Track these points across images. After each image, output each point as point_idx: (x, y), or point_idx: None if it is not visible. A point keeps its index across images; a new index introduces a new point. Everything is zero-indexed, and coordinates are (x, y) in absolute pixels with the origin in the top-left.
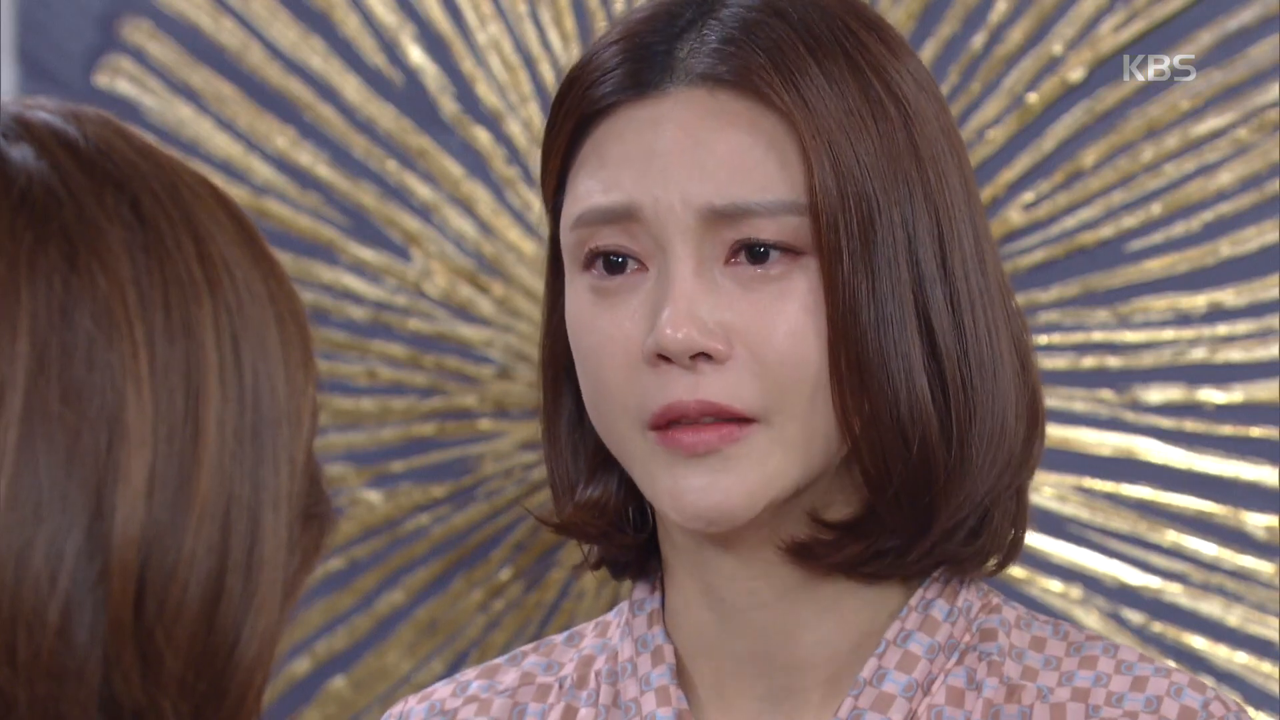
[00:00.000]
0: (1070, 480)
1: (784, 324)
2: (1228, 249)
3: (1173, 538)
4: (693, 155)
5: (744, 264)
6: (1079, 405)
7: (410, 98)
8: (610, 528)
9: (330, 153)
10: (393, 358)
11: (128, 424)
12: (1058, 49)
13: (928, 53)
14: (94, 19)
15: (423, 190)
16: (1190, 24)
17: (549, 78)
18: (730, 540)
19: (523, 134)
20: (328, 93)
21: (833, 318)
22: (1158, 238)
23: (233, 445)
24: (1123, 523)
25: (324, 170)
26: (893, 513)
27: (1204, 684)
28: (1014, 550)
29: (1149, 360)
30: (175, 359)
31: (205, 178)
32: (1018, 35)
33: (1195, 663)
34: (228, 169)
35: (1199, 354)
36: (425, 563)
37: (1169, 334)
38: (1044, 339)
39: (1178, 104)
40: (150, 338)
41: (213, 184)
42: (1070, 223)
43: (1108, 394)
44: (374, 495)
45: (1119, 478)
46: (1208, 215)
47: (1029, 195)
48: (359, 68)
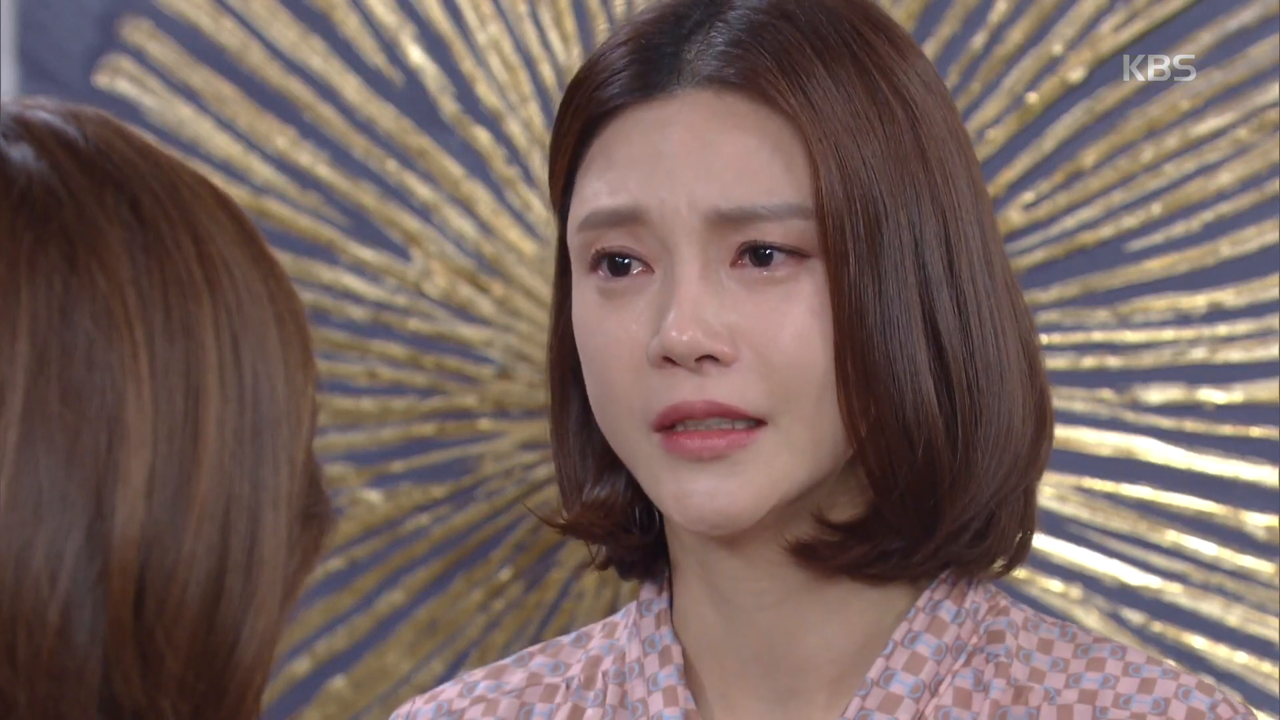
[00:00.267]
0: (1070, 480)
1: (790, 326)
2: (1228, 249)
3: (1173, 538)
4: (699, 158)
5: (749, 266)
6: (1079, 405)
7: (410, 98)
8: (617, 528)
9: (330, 153)
10: (393, 358)
11: (128, 424)
12: (1058, 49)
13: (928, 53)
14: (94, 19)
15: (423, 190)
16: (1190, 24)
17: (549, 78)
18: (736, 542)
19: (523, 134)
20: (328, 93)
21: (839, 320)
22: (1158, 238)
23: (232, 445)
24: (1123, 523)
25: (324, 170)
26: (898, 514)
27: (1212, 686)
28: (1022, 551)
29: (1149, 360)
30: (175, 359)
31: (204, 178)
32: (1018, 35)
33: (1195, 663)
34: (228, 169)
35: (1199, 354)
36: (425, 563)
37: (1169, 334)
38: (1044, 339)
39: (1178, 104)
40: (150, 338)
41: (212, 184)
42: (1070, 223)
43: (1108, 394)
44: (374, 495)
45: (1119, 478)
46: (1208, 215)
47: (1029, 195)
48: (359, 68)
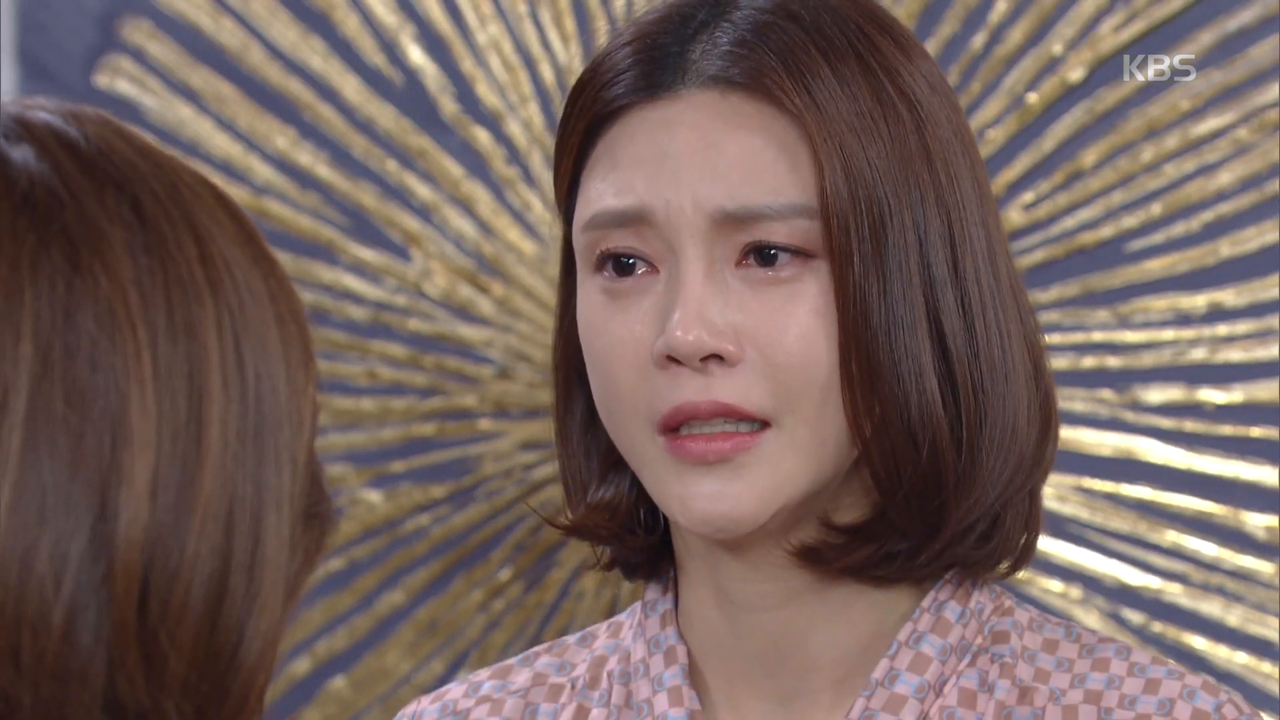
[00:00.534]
0: (1070, 480)
1: (794, 326)
2: (1228, 249)
3: (1173, 538)
4: (704, 157)
5: (754, 266)
6: (1079, 405)
7: (410, 98)
8: (622, 529)
9: (330, 153)
10: (393, 358)
11: (131, 425)
12: (1058, 49)
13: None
14: (94, 19)
15: (423, 190)
16: (1190, 24)
17: (549, 78)
18: (740, 546)
19: (523, 134)
20: (328, 93)
21: (843, 321)
22: (1158, 238)
23: (235, 446)
24: (1123, 523)
25: (324, 170)
26: (903, 515)
27: (1217, 687)
28: (1027, 553)
29: (1149, 360)
30: (178, 360)
31: (205, 178)
32: (1018, 35)
33: (1195, 663)
34: (228, 169)
35: (1199, 354)
36: (425, 563)
37: (1169, 334)
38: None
39: (1178, 104)
40: (153, 339)
41: (212, 184)
42: (1070, 223)
43: (1108, 394)
44: (374, 495)
45: (1119, 478)
46: (1208, 215)
47: (1029, 195)
48: (359, 68)
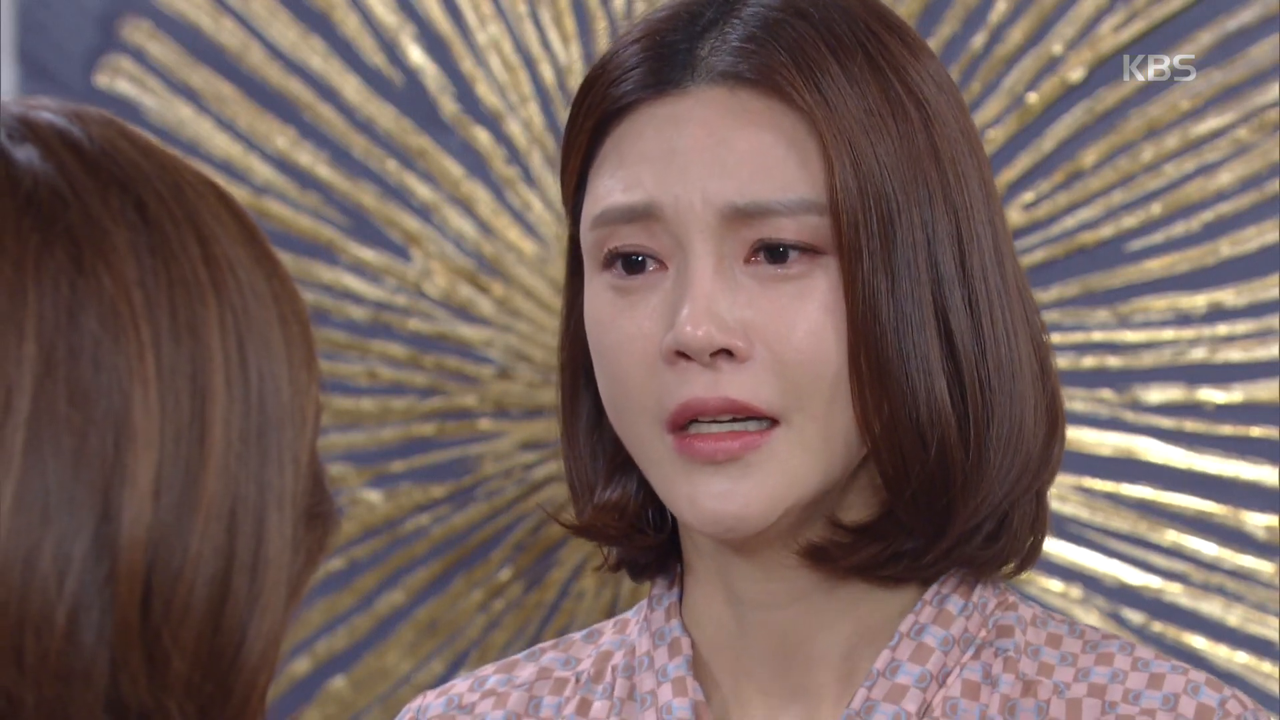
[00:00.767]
0: (1070, 480)
1: (803, 323)
2: (1228, 249)
3: (1173, 538)
4: (713, 154)
5: (763, 263)
6: (1079, 405)
7: (410, 98)
8: (630, 529)
9: (330, 153)
10: (393, 358)
11: (134, 425)
12: (1058, 49)
13: None
14: (94, 19)
15: (422, 190)
16: (1190, 24)
17: (549, 78)
18: (748, 546)
19: (523, 134)
20: (328, 93)
21: (852, 317)
22: (1158, 238)
23: (238, 446)
24: (1123, 523)
25: (324, 170)
26: (910, 514)
27: (1221, 683)
28: (1033, 554)
29: (1149, 360)
30: (181, 360)
31: (208, 177)
32: (1018, 35)
33: (1195, 663)
34: (228, 169)
35: (1199, 354)
36: (425, 563)
37: (1169, 334)
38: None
39: (1178, 104)
40: (156, 339)
41: (215, 184)
42: (1070, 223)
43: (1108, 394)
44: (374, 495)
45: (1119, 478)
46: (1208, 215)
47: (1029, 195)
48: (359, 68)
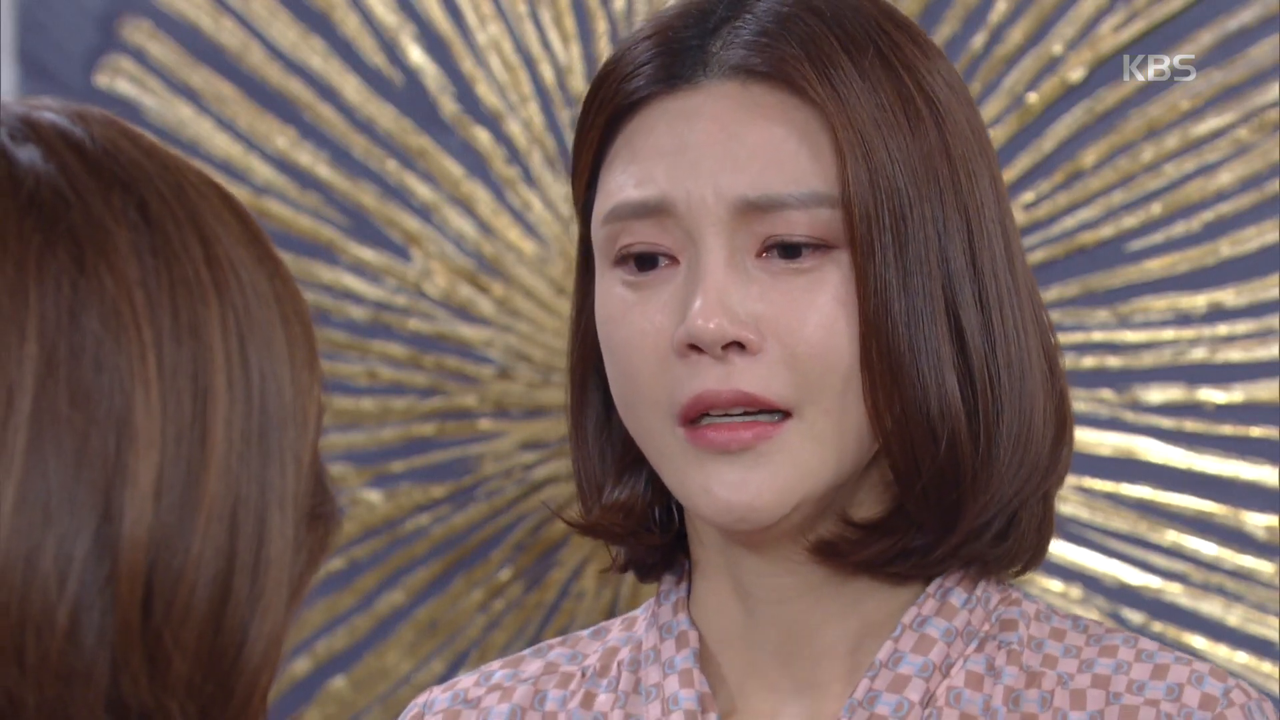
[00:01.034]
0: (1070, 480)
1: (815, 315)
2: (1228, 249)
3: (1173, 538)
4: (725, 148)
5: (775, 258)
6: (1079, 405)
7: (410, 98)
8: (638, 527)
9: (330, 153)
10: (393, 358)
11: (136, 426)
12: (1058, 49)
13: None
14: (94, 19)
15: (423, 190)
16: (1190, 24)
17: (549, 78)
18: (758, 541)
19: (523, 134)
20: (328, 93)
21: (864, 311)
22: (1158, 238)
23: (240, 446)
24: (1123, 523)
25: (324, 170)
26: (920, 509)
27: (1225, 673)
28: (1038, 556)
29: (1149, 360)
30: (183, 361)
31: (210, 178)
32: (1018, 35)
33: None
34: (228, 169)
35: (1199, 354)
36: (425, 563)
37: (1169, 334)
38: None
39: (1178, 104)
40: (158, 340)
41: (218, 184)
42: (1070, 223)
43: (1108, 394)
44: (374, 495)
45: (1119, 478)
46: (1208, 215)
47: (1029, 195)
48: (359, 68)
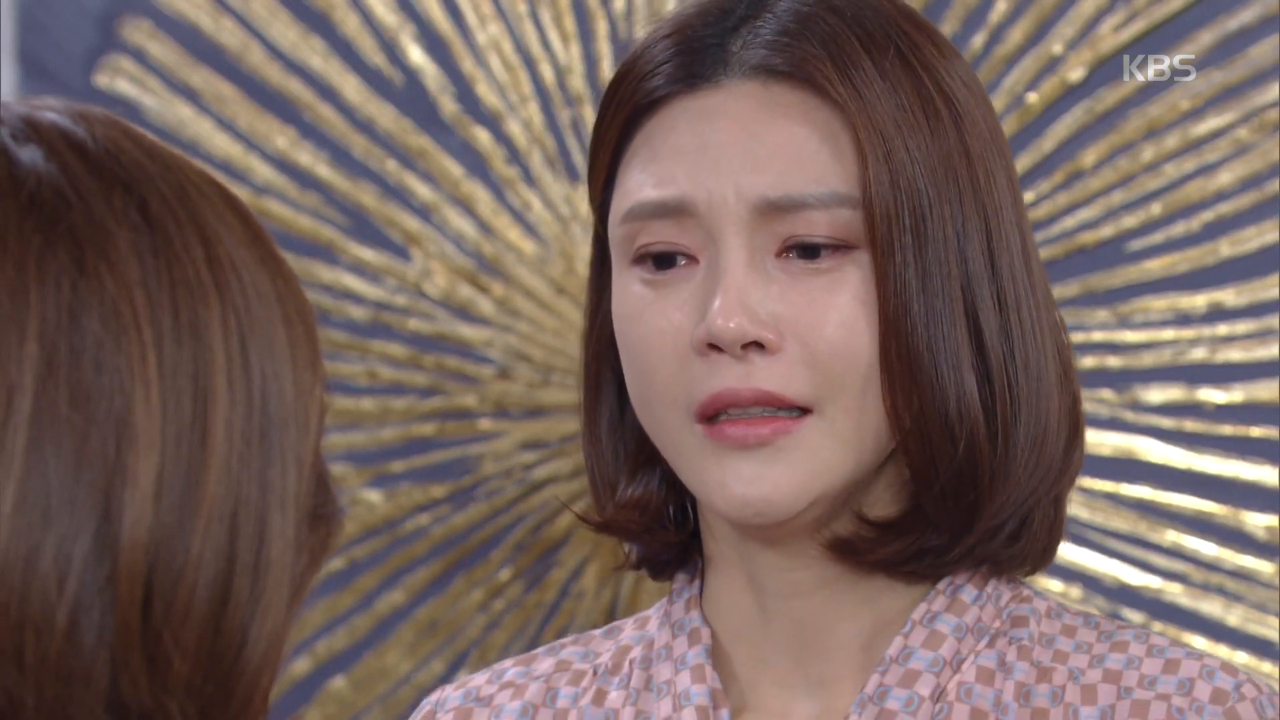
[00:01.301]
0: None
1: (835, 314)
2: (1228, 249)
3: (1173, 538)
4: (746, 147)
5: (795, 258)
6: None
7: (410, 98)
8: (653, 524)
9: (330, 153)
10: (393, 358)
11: (136, 427)
12: (1058, 49)
13: None
14: (94, 19)
15: (423, 190)
16: (1190, 24)
17: (549, 78)
18: (773, 537)
19: (523, 134)
20: (328, 93)
21: (884, 311)
22: (1158, 238)
23: (240, 447)
24: (1123, 523)
25: (324, 170)
26: (937, 509)
27: (1236, 667)
28: (1047, 557)
29: (1149, 360)
30: (183, 361)
31: (213, 178)
32: (1018, 35)
33: None
34: (228, 169)
35: (1199, 354)
36: (425, 563)
37: (1169, 334)
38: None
39: (1178, 104)
40: (158, 340)
41: (221, 184)
42: (1070, 223)
43: (1108, 394)
44: (374, 495)
45: (1119, 478)
46: (1208, 215)
47: (1029, 195)
48: (359, 68)
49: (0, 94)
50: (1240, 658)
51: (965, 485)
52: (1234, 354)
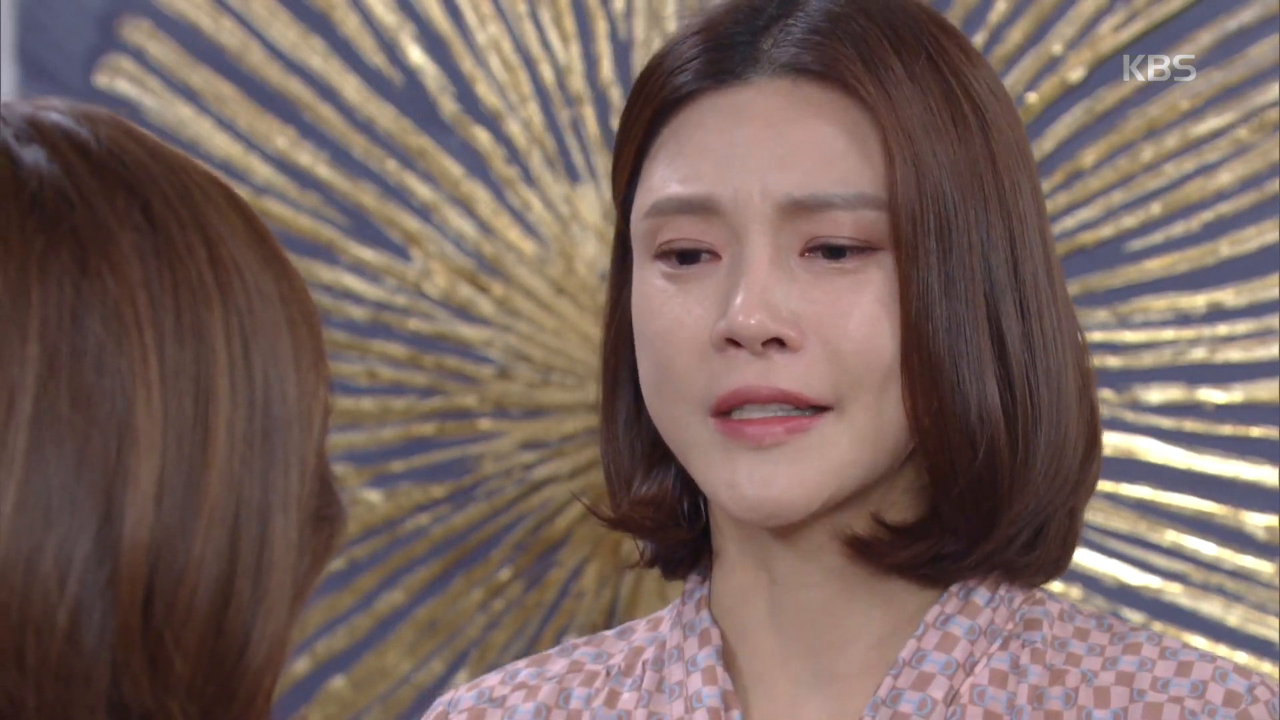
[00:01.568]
0: None
1: (858, 313)
2: (1227, 249)
3: (1172, 537)
4: (773, 145)
5: (819, 258)
6: None
7: (410, 98)
8: (667, 521)
9: (330, 153)
10: (392, 358)
11: (137, 428)
12: (1057, 49)
13: None
14: (94, 19)
15: (422, 190)
16: (1190, 24)
17: (548, 77)
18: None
19: (522, 134)
20: (327, 93)
21: (906, 313)
22: (1157, 237)
23: (242, 449)
24: (1122, 522)
25: (324, 170)
26: (956, 514)
27: (1249, 669)
28: (1060, 568)
29: (1149, 360)
30: (185, 363)
31: (218, 179)
32: (1017, 35)
33: None
34: (228, 169)
35: (1199, 354)
36: (425, 562)
37: (1169, 334)
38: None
39: (1177, 104)
40: (160, 342)
41: (225, 186)
42: (1070, 223)
43: (1108, 394)
44: (374, 495)
45: (1119, 477)
46: (1207, 215)
47: None
48: (359, 68)
49: (0, 94)
50: (1240, 658)
51: (985, 491)
52: (1234, 354)
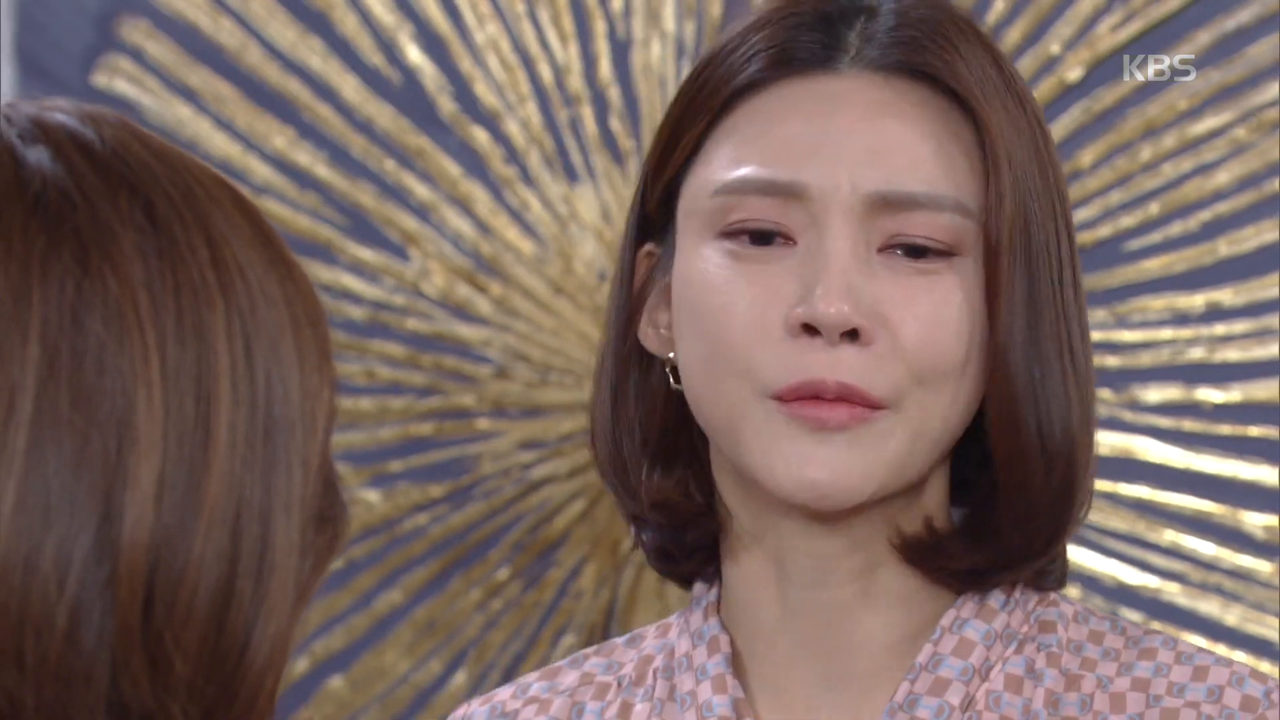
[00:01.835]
0: None
1: (932, 313)
2: (1226, 248)
3: (1171, 537)
4: (866, 139)
5: (899, 256)
6: None
7: (408, 97)
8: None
9: (329, 152)
10: (391, 357)
11: (138, 428)
12: (1056, 49)
13: None
14: (93, 19)
15: (421, 190)
16: (1189, 24)
17: (547, 77)
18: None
19: (521, 133)
20: (326, 92)
21: (995, 326)
22: (1156, 237)
23: (244, 450)
24: (1121, 522)
25: (322, 170)
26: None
27: (1265, 674)
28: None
29: (1147, 360)
30: (186, 363)
31: (223, 180)
32: (1016, 35)
33: None
34: (226, 169)
35: (1197, 353)
36: (423, 562)
37: (1167, 333)
38: None
39: (1176, 104)
40: (161, 342)
41: (231, 187)
42: None
43: (1106, 394)
44: (372, 495)
45: (1117, 477)
46: (1206, 215)
47: None
48: (357, 67)
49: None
50: (1238, 658)
51: (1060, 505)
52: (1232, 354)
